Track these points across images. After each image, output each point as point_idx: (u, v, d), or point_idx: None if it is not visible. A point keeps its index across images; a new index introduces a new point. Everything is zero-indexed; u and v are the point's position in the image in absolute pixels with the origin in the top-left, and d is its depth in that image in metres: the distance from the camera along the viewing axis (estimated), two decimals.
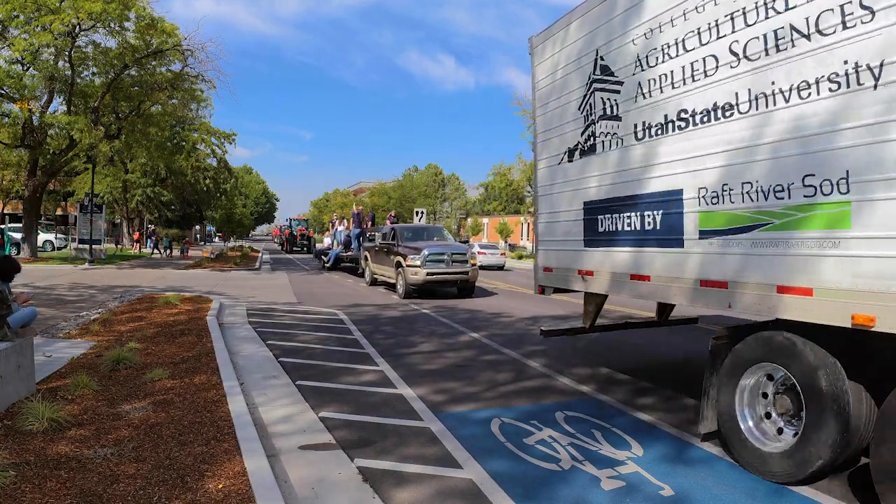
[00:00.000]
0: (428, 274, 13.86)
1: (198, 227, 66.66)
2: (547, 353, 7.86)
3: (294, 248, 44.90)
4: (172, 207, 46.63)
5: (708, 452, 4.35)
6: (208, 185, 43.51)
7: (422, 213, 33.38)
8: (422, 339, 8.85)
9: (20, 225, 26.73)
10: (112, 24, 20.69)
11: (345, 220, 25.75)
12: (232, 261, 27.67)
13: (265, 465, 3.66)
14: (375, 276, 17.10)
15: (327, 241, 27.26)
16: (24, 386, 4.94)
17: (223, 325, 9.22)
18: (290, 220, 51.66)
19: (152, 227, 41.62)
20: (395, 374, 6.57)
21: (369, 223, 22.67)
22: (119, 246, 32.44)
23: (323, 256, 25.50)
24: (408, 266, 14.06)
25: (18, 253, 24.24)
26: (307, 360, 7.10)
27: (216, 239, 78.53)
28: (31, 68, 21.90)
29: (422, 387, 6.02)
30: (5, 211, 41.09)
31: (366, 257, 18.00)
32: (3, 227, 24.14)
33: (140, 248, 37.46)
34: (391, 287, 15.94)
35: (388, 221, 23.03)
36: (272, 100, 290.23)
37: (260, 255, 36.25)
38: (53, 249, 32.66)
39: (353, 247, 22.05)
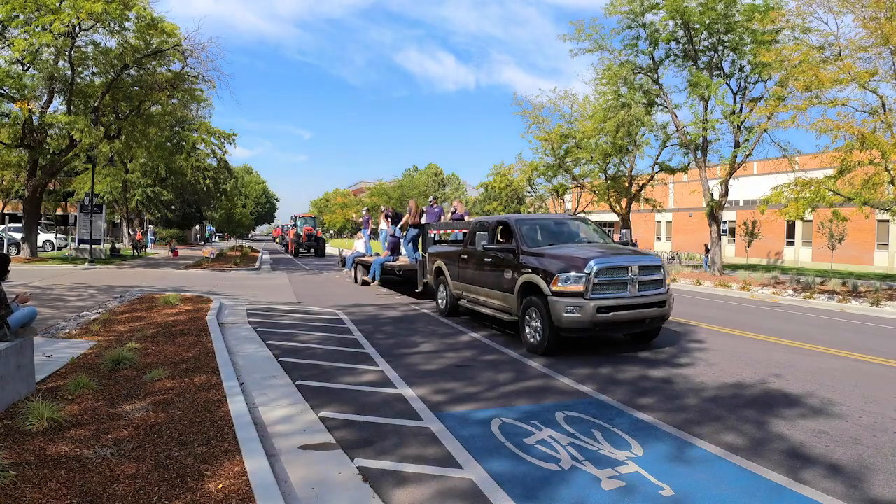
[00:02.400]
0: (600, 310, 7.28)
1: (198, 227, 66.66)
2: (547, 353, 7.84)
3: (300, 251, 37.83)
4: (172, 207, 46.64)
5: (708, 452, 4.35)
6: (208, 185, 43.37)
7: (421, 212, 33.20)
8: (422, 339, 8.85)
9: (20, 225, 26.74)
10: (112, 24, 20.68)
11: (386, 217, 18.19)
12: (232, 261, 27.65)
13: (265, 466, 3.66)
14: (463, 300, 10.51)
15: (359, 245, 19.62)
16: (24, 386, 4.94)
17: (223, 325, 9.21)
18: (296, 217, 41.46)
19: (151, 226, 41.73)
20: (396, 374, 6.57)
21: (418, 218, 15.62)
22: (122, 246, 32.39)
23: (359, 269, 17.92)
24: (558, 293, 7.42)
25: (18, 252, 24.26)
26: (307, 361, 7.09)
27: (216, 239, 78.56)
28: (31, 68, 21.89)
29: (422, 387, 6.02)
30: (5, 211, 41.12)
31: (438, 270, 11.51)
32: None
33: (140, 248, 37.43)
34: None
35: (383, 219, 17.75)
36: (271, 98, 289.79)
37: (260, 254, 36.23)
38: (53, 249, 32.66)
39: (405, 253, 16.49)
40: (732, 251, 39.57)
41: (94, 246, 25.08)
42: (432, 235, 13.05)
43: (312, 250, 37.51)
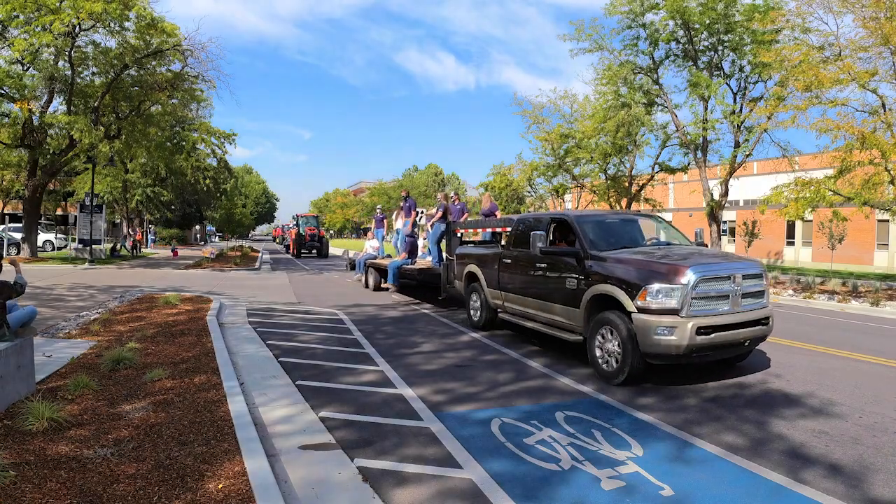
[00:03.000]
0: (699, 330, 5.88)
1: (198, 227, 66.67)
2: (547, 353, 7.85)
3: (302, 252, 36.50)
4: (172, 207, 46.66)
5: (708, 452, 4.35)
6: (208, 185, 43.36)
7: (421, 212, 33.08)
8: (422, 338, 8.85)
9: (20, 225, 26.74)
10: (112, 24, 20.67)
11: (401, 213, 16.80)
12: (232, 261, 27.64)
13: (265, 466, 3.66)
14: (503, 312, 8.98)
15: (370, 247, 18.18)
16: (24, 386, 4.94)
17: (223, 325, 9.21)
18: (297, 217, 39.59)
19: (151, 226, 41.79)
20: (396, 374, 6.57)
21: (440, 213, 13.63)
22: (130, 243, 32.29)
23: (371, 272, 16.31)
24: (645, 309, 5.97)
25: (18, 252, 24.26)
26: (307, 360, 7.09)
27: (215, 238, 78.56)
28: (31, 68, 21.89)
29: (422, 387, 6.02)
30: (5, 211, 41.11)
31: (470, 275, 9.97)
32: None
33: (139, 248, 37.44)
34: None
35: (398, 215, 16.63)
36: (271, 98, 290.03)
37: (260, 254, 36.23)
38: (53, 249, 32.65)
39: (424, 255, 15.15)
40: (732, 251, 39.59)
41: (94, 246, 25.08)
42: (458, 235, 11.59)
43: (315, 251, 36.41)
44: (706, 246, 8.35)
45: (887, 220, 29.12)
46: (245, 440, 4.09)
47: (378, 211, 20.23)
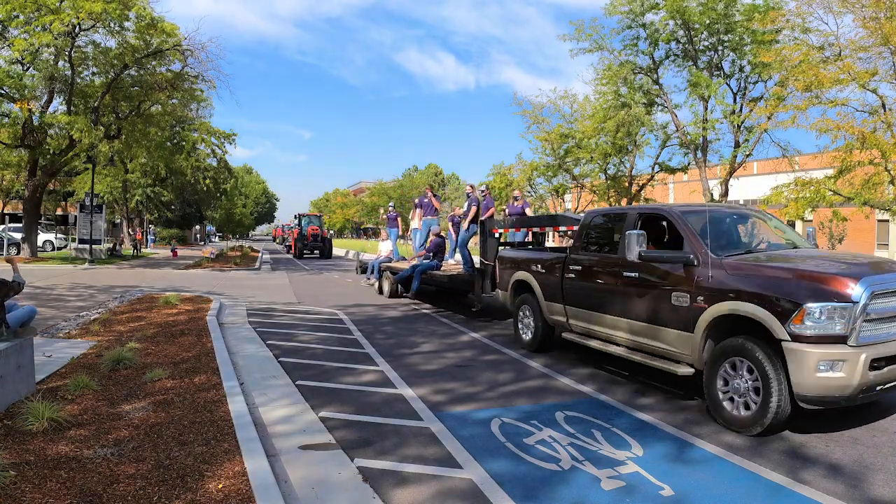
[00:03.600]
0: (873, 364, 4.40)
1: (198, 227, 66.70)
2: (547, 353, 7.85)
3: (305, 253, 34.95)
4: (172, 207, 46.66)
5: (708, 452, 4.35)
6: (208, 185, 43.37)
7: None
8: (422, 339, 8.85)
9: (20, 225, 26.74)
10: (112, 24, 20.67)
11: (418, 209, 15.29)
12: (232, 261, 27.65)
13: (265, 466, 3.66)
14: (567, 332, 7.27)
15: (384, 249, 16.72)
16: (24, 386, 4.94)
17: (223, 325, 9.21)
18: (300, 216, 37.72)
19: (151, 226, 41.81)
20: (396, 374, 6.57)
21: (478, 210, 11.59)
22: (123, 246, 32.31)
23: (386, 277, 14.54)
24: (801, 336, 4.43)
25: (18, 252, 24.26)
26: (307, 360, 7.09)
27: (215, 238, 78.56)
28: (31, 68, 21.90)
29: (422, 387, 6.02)
30: (5, 211, 41.12)
31: (520, 285, 8.28)
32: None
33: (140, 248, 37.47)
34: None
35: (415, 213, 15.38)
36: (271, 98, 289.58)
37: (260, 254, 36.24)
38: (53, 249, 32.66)
39: (452, 258, 13.84)
40: None
41: (94, 246, 25.08)
42: (496, 235, 10.16)
43: (318, 251, 35.23)
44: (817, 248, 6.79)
45: (887, 220, 29.11)
46: (245, 440, 4.09)
47: (391, 208, 18.40)
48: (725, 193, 23.73)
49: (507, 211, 12.88)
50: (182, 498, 3.25)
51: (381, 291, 14.92)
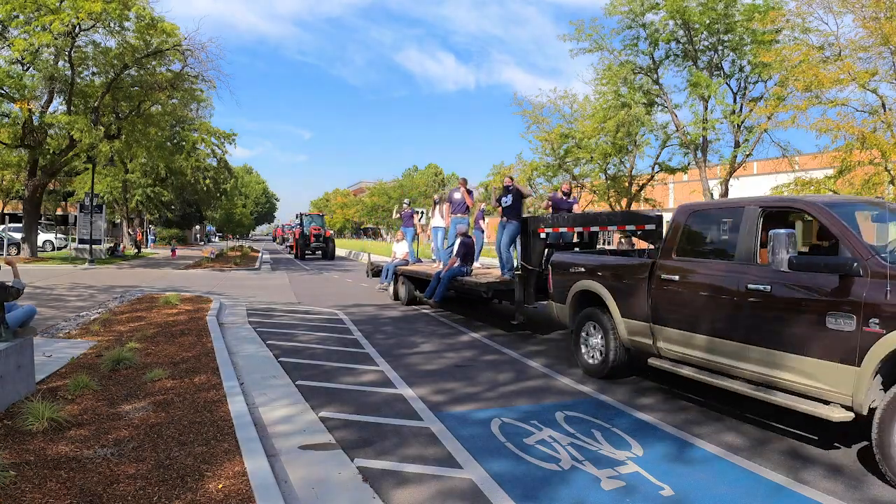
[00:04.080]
0: None
1: (198, 227, 66.70)
2: (547, 353, 7.85)
3: (307, 254, 34.07)
4: (172, 207, 46.64)
5: (708, 452, 4.35)
6: (208, 185, 43.39)
7: (422, 213, 32.95)
8: (422, 339, 8.85)
9: (20, 225, 26.75)
10: (112, 24, 20.68)
11: (437, 206, 14.08)
12: (232, 261, 27.65)
13: (265, 466, 3.66)
14: (653, 353, 5.82)
15: (399, 250, 15.45)
16: (24, 386, 4.94)
17: (223, 325, 9.21)
18: (301, 216, 36.56)
19: (151, 226, 41.81)
20: (396, 374, 6.57)
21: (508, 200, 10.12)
22: (123, 247, 32.28)
23: (402, 282, 13.19)
24: None
25: (18, 252, 24.26)
26: (307, 360, 7.09)
27: (215, 238, 78.53)
28: (31, 68, 21.90)
29: (422, 387, 6.02)
30: (5, 211, 41.10)
31: (584, 296, 6.85)
32: None
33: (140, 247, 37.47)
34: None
35: (435, 210, 14.01)
36: (271, 98, 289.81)
37: (260, 254, 36.24)
38: (53, 249, 32.66)
39: (478, 262, 12.63)
40: None
41: (94, 246, 25.09)
42: (543, 236, 8.71)
43: (320, 252, 34.03)
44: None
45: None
46: (245, 440, 4.09)
47: (406, 206, 16.72)
48: (725, 193, 23.74)
49: (549, 205, 11.36)
50: (182, 498, 3.25)
51: (396, 297, 13.56)
